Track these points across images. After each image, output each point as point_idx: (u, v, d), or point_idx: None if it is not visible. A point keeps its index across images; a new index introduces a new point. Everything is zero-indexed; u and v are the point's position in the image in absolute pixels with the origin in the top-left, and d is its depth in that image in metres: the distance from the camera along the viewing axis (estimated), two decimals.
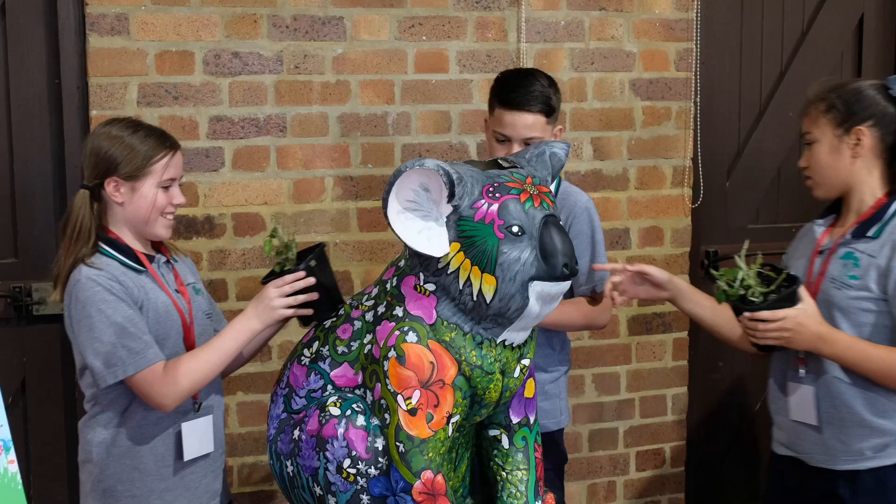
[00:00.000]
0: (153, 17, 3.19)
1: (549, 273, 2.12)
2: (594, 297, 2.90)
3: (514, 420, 2.36)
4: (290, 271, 2.43)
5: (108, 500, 2.44)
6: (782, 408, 2.64)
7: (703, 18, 3.78)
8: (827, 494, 2.54)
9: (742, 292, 2.38)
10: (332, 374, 2.30)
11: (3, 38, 3.18)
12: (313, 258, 2.44)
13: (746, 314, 2.36)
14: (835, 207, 2.63)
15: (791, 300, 2.38)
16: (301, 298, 2.40)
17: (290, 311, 2.41)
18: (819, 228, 2.64)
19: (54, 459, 3.33)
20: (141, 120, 2.53)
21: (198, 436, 2.49)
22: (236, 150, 3.31)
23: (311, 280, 2.41)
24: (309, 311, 2.42)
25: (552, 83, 2.85)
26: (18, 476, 2.05)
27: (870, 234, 2.49)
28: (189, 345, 2.48)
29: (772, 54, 4.02)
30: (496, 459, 2.37)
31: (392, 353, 2.17)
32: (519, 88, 2.78)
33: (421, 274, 2.20)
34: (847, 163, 2.51)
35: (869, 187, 2.53)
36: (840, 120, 2.49)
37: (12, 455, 2.05)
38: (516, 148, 2.73)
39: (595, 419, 3.81)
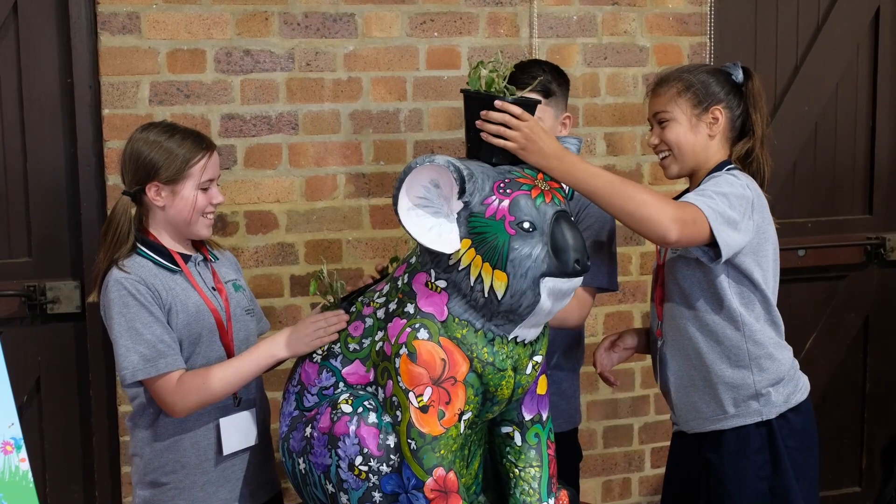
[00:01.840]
0: (164, 15, 3.20)
1: (560, 269, 2.12)
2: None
3: (527, 417, 2.35)
4: (334, 307, 2.43)
5: (154, 491, 2.50)
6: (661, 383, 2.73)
7: (716, 12, 3.76)
8: (699, 461, 2.61)
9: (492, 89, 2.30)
10: (343, 371, 2.30)
11: (16, 38, 3.19)
12: (355, 298, 2.44)
13: (498, 102, 2.23)
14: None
15: (534, 104, 2.31)
16: (335, 338, 2.38)
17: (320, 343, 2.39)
18: None
19: (69, 458, 3.34)
20: (176, 123, 2.56)
21: (237, 430, 2.52)
22: (248, 148, 3.31)
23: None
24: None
25: (554, 69, 2.85)
26: (30, 474, 2.06)
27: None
28: (226, 343, 2.51)
29: (786, 48, 3.99)
30: (509, 456, 2.36)
31: (403, 350, 2.17)
32: (515, 74, 2.75)
33: (432, 271, 2.20)
34: (704, 140, 2.58)
35: (714, 165, 2.59)
36: (698, 100, 2.56)
37: (23, 453, 2.06)
38: None
39: (610, 416, 3.80)
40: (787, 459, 2.54)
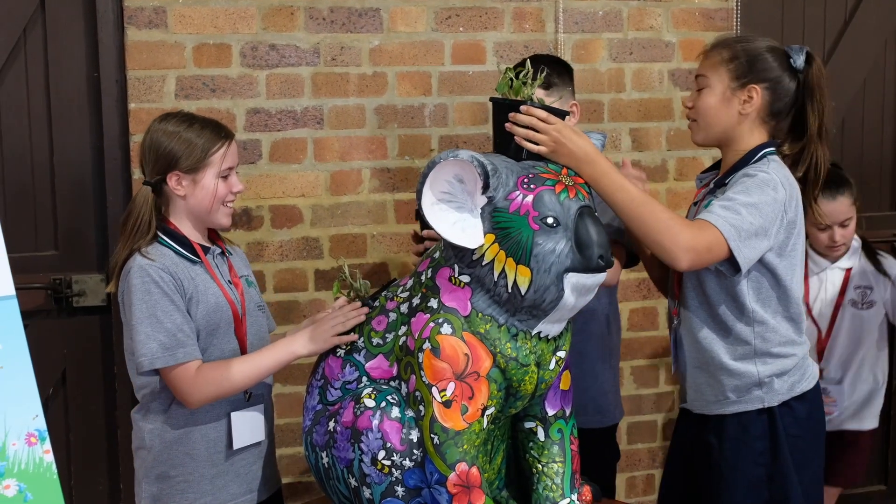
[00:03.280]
0: (190, 9, 3.21)
1: (584, 264, 2.11)
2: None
3: (550, 412, 2.34)
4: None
5: (161, 484, 2.50)
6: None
7: (742, 7, 3.73)
8: (701, 442, 2.58)
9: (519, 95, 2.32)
10: (367, 365, 2.31)
11: (43, 33, 3.21)
12: (379, 296, 2.43)
13: (524, 108, 2.25)
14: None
15: (563, 114, 2.31)
16: (355, 335, 2.38)
17: (339, 340, 2.39)
18: (699, 182, 2.68)
19: (95, 450, 3.36)
20: (193, 113, 2.57)
21: (248, 425, 2.53)
22: (273, 143, 3.32)
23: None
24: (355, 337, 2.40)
25: (553, 61, 2.87)
26: (54, 466, 2.07)
27: (727, 181, 2.49)
28: (240, 336, 2.52)
29: (813, 44, 3.95)
30: (532, 452, 2.36)
31: (427, 345, 2.17)
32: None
33: (456, 265, 2.19)
34: (733, 116, 2.49)
35: (746, 146, 2.51)
36: (739, 73, 2.48)
37: (48, 445, 2.07)
38: None
39: (633, 412, 3.79)
40: (788, 448, 2.50)
